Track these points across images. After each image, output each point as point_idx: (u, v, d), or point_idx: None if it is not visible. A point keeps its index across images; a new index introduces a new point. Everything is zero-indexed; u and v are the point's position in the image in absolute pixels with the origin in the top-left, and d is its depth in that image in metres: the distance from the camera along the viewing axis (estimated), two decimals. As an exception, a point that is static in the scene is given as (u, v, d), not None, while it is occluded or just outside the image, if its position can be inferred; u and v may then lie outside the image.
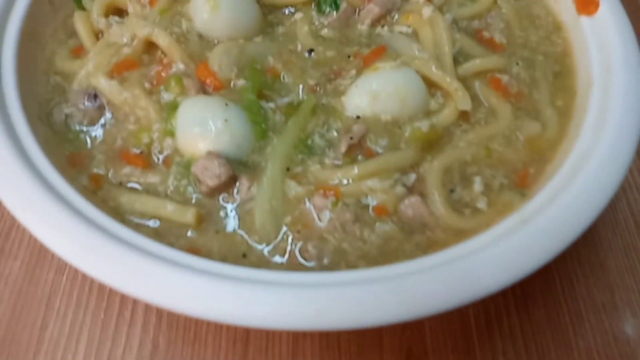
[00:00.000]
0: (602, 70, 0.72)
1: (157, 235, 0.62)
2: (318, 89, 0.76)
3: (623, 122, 0.65)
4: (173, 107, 0.71)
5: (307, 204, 0.65)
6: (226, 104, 0.69)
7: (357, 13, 0.85)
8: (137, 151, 0.69)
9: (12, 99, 0.69)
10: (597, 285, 0.87)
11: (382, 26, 0.83)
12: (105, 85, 0.73)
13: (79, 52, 0.81)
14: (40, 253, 0.80)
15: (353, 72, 0.77)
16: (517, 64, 0.80)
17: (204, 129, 0.67)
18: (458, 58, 0.79)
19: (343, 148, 0.68)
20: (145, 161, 0.69)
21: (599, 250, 0.90)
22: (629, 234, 0.92)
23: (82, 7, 0.87)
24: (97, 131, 0.72)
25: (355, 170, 0.66)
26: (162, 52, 0.77)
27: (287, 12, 0.85)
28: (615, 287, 0.87)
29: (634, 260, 0.88)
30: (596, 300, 0.84)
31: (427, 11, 0.79)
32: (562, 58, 0.81)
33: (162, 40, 0.76)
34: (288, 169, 0.68)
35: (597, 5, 0.78)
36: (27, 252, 0.81)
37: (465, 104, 0.71)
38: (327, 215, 0.63)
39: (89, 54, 0.78)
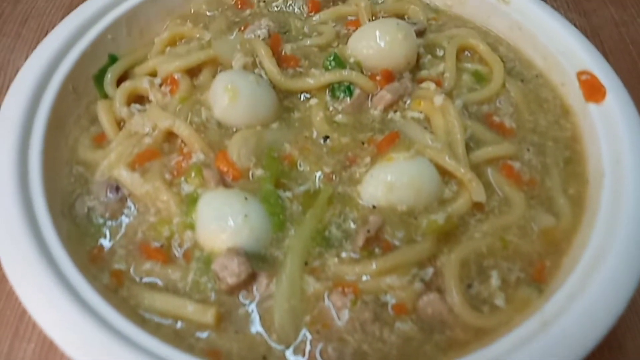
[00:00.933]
0: (613, 161, 0.74)
1: (177, 336, 0.62)
2: (334, 177, 0.78)
3: (636, 219, 0.66)
4: (193, 200, 0.72)
5: (326, 301, 0.65)
6: (245, 198, 0.70)
7: (370, 98, 0.88)
8: (158, 245, 0.71)
9: (37, 193, 0.71)
10: (616, 367, 0.86)
11: (395, 111, 0.86)
12: (127, 177, 0.75)
13: (101, 139, 0.83)
14: (55, 339, 0.80)
15: (367, 159, 0.79)
16: (528, 150, 0.82)
17: (223, 224, 0.68)
18: (470, 143, 0.82)
19: (360, 242, 0.69)
20: (165, 255, 0.70)
21: (617, 330, 0.89)
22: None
23: (104, 94, 0.90)
24: (119, 224, 0.73)
25: (374, 266, 0.67)
26: (183, 141, 0.80)
27: (302, 97, 0.89)
28: (635, 369, 0.86)
29: (652, 341, 0.87)
30: (616, 382, 0.83)
31: (438, 99, 0.82)
32: (571, 144, 0.83)
33: (183, 131, 0.78)
34: (306, 263, 0.68)
35: (604, 94, 0.81)
36: (40, 335, 0.81)
37: (480, 196, 0.73)
38: (346, 314, 0.63)
39: (111, 143, 0.81)
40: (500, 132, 0.85)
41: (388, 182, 0.73)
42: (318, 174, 0.78)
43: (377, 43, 0.88)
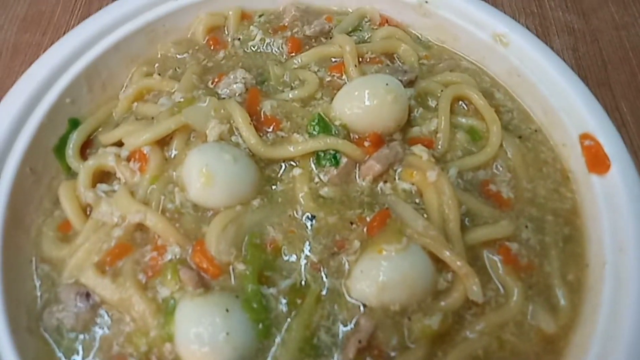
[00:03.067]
0: (615, 248, 0.70)
1: None
2: (321, 267, 0.73)
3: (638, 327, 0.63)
4: (170, 309, 0.67)
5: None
6: (227, 310, 0.65)
7: (357, 167, 0.82)
8: (136, 360, 0.66)
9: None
10: None
11: (385, 182, 0.80)
12: (97, 283, 0.69)
13: (67, 228, 0.76)
14: None
15: (357, 244, 0.74)
16: (526, 226, 0.77)
17: (204, 343, 0.63)
18: (465, 220, 0.77)
19: (351, 354, 0.65)
20: (144, 374, 0.66)
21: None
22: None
23: (67, 167, 0.82)
24: (92, 337, 0.68)
25: (365, 382, 0.64)
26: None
27: (285, 166, 0.82)
28: None
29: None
30: None
31: (431, 175, 0.75)
32: (571, 218, 0.78)
33: (156, 225, 0.72)
34: (295, 378, 0.65)
35: (608, 167, 0.75)
36: None
37: (477, 295, 0.68)
38: None
39: (77, 236, 0.74)
40: (497, 203, 0.79)
41: (380, 282, 0.68)
42: (304, 262, 0.73)
43: (364, 105, 0.80)
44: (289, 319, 0.68)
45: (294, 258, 0.74)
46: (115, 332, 0.68)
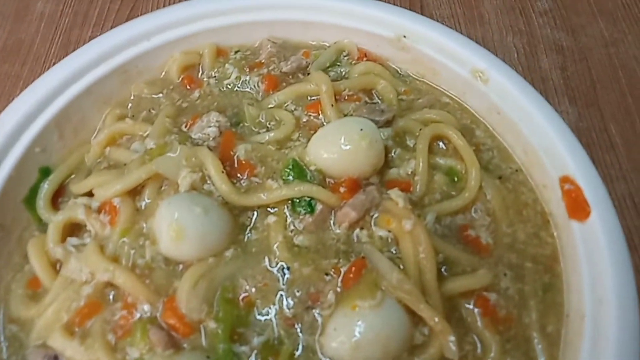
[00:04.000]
0: (595, 300, 0.68)
1: None
2: (295, 323, 0.72)
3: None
4: (140, 373, 0.66)
5: None
6: (197, 375, 0.64)
7: (333, 213, 0.80)
8: None
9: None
10: None
11: (361, 229, 0.78)
12: (65, 346, 0.67)
13: (37, 285, 0.75)
14: None
15: (331, 296, 0.72)
16: (505, 274, 0.75)
17: (173, 411, 0.62)
18: (442, 269, 0.75)
19: (323, 418, 0.64)
20: None
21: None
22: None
23: (38, 218, 0.81)
24: (60, 404, 0.67)
25: None
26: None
27: (259, 213, 0.80)
28: None
29: None
30: None
31: (407, 224, 0.73)
32: (551, 264, 0.77)
33: (124, 282, 0.70)
34: None
35: (588, 213, 0.74)
36: None
37: (453, 353, 0.67)
38: None
39: (46, 294, 0.73)
40: (475, 250, 0.78)
41: (353, 341, 0.66)
42: (277, 318, 0.72)
43: (339, 150, 0.79)
44: (261, 379, 0.67)
45: (267, 313, 0.72)
46: (84, 399, 0.67)
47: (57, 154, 0.85)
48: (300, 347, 0.70)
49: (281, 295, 0.73)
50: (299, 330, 0.71)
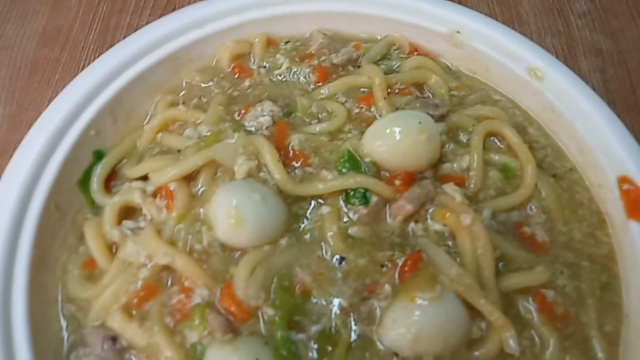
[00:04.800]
0: (657, 301, 0.68)
1: None
2: (351, 313, 0.71)
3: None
4: (199, 357, 0.66)
5: None
6: (257, 359, 0.64)
7: (388, 206, 0.80)
8: (164, 410, 0.65)
9: (23, 349, 0.64)
10: None
11: (416, 222, 0.77)
12: (124, 327, 0.68)
13: (92, 267, 0.75)
14: None
15: (387, 287, 0.72)
16: (562, 272, 0.75)
17: (235, 395, 0.62)
18: (499, 265, 0.75)
19: (384, 406, 0.64)
20: None
21: None
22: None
23: (91, 200, 0.81)
24: (120, 384, 0.67)
25: None
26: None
27: (314, 203, 0.80)
28: None
29: None
30: None
31: (466, 219, 0.73)
32: (608, 264, 0.76)
33: (184, 267, 0.70)
34: None
35: (648, 213, 0.73)
36: None
37: (513, 348, 0.66)
38: None
39: (103, 276, 0.73)
40: (531, 247, 0.77)
41: (414, 332, 0.66)
42: (334, 308, 0.72)
43: (396, 143, 0.78)
44: (319, 368, 0.67)
45: (323, 302, 0.72)
46: (143, 379, 0.67)
47: (111, 138, 0.85)
48: (356, 336, 0.70)
49: (337, 285, 0.73)
50: (354, 320, 0.71)
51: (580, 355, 0.69)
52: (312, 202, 0.80)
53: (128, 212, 0.79)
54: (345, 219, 0.78)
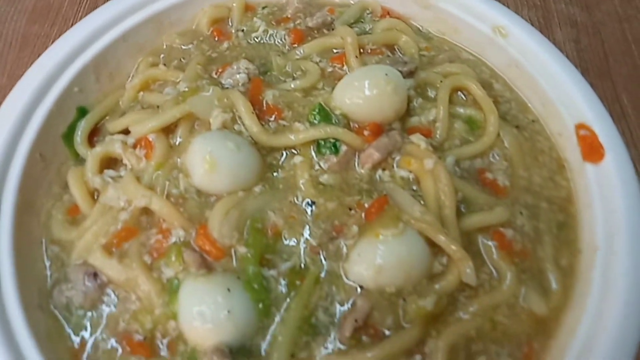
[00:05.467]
0: (607, 234, 0.72)
1: None
2: (320, 251, 0.75)
3: (628, 308, 0.64)
4: (174, 289, 0.70)
5: (313, 399, 0.65)
6: (228, 290, 0.68)
7: (357, 155, 0.84)
8: (141, 337, 0.69)
9: (8, 284, 0.68)
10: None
11: (383, 170, 0.82)
12: (104, 264, 0.72)
13: (75, 212, 0.80)
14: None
15: (355, 229, 0.76)
16: (521, 213, 0.79)
17: (206, 320, 0.66)
18: (461, 207, 0.79)
19: (347, 332, 0.68)
20: (149, 350, 0.68)
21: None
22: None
23: (75, 153, 0.85)
24: (100, 314, 0.71)
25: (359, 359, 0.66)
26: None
27: (286, 153, 0.84)
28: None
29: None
30: None
31: (429, 163, 0.77)
32: (566, 205, 0.80)
33: (161, 209, 0.74)
34: (293, 355, 0.67)
35: (602, 155, 0.77)
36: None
37: (470, 278, 0.70)
38: (332, 413, 0.63)
39: (86, 219, 0.77)
40: (493, 191, 0.81)
41: (377, 265, 0.70)
42: (303, 246, 0.76)
43: (364, 95, 0.82)
44: (288, 299, 0.71)
45: (294, 242, 0.76)
46: (121, 310, 0.71)
47: (94, 96, 0.90)
48: (324, 272, 0.74)
49: (307, 226, 0.77)
50: (323, 257, 0.75)
51: (536, 287, 0.73)
52: (286, 152, 0.84)
53: (110, 164, 0.83)
54: (316, 168, 0.82)
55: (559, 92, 0.85)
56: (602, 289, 0.68)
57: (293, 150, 0.83)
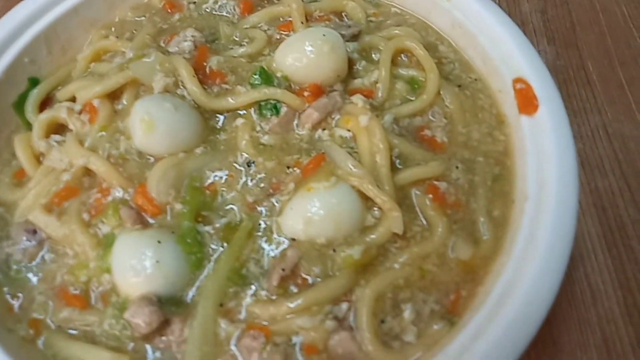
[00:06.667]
0: (538, 183, 0.71)
1: (92, 385, 0.64)
2: (256, 207, 0.77)
3: (550, 254, 0.64)
4: (109, 242, 0.72)
5: (238, 345, 0.66)
6: (159, 242, 0.70)
7: (297, 116, 0.85)
8: (76, 291, 0.71)
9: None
10: (548, 366, 0.88)
11: (323, 129, 0.83)
12: (42, 221, 0.74)
13: (22, 175, 0.82)
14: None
15: (291, 185, 0.77)
16: (457, 167, 0.79)
17: (136, 271, 0.68)
18: (396, 162, 0.79)
19: (275, 281, 0.69)
20: (83, 301, 0.70)
21: (553, 324, 0.90)
22: (585, 307, 0.92)
23: (27, 122, 0.88)
24: (38, 269, 0.74)
25: (286, 306, 0.67)
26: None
27: (229, 116, 0.85)
28: (567, 368, 0.87)
29: (587, 336, 0.88)
30: (546, 385, 0.85)
31: (363, 119, 0.78)
32: (502, 159, 0.80)
33: (99, 167, 0.77)
34: (221, 305, 0.69)
35: (536, 107, 0.77)
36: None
37: (397, 227, 0.71)
38: (256, 358, 0.64)
39: (29, 181, 0.79)
40: (430, 147, 0.82)
41: (307, 217, 0.71)
42: (240, 204, 0.77)
43: (303, 56, 0.84)
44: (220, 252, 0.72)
45: (230, 199, 0.77)
46: (59, 265, 0.74)
47: (46, 68, 0.92)
48: (259, 226, 0.75)
49: (244, 184, 0.79)
50: (259, 213, 0.76)
51: (467, 236, 0.73)
52: (227, 115, 0.85)
53: (58, 130, 0.86)
54: (257, 129, 0.84)
55: (499, 49, 0.85)
56: (528, 235, 0.68)
57: (236, 113, 0.85)
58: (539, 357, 0.86)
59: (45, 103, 0.90)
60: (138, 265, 0.68)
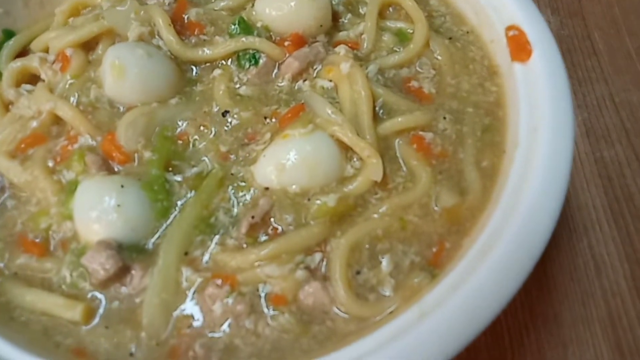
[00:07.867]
0: (530, 129, 0.66)
1: (45, 333, 0.60)
2: (230, 156, 0.73)
3: (539, 202, 0.59)
4: (72, 189, 0.68)
5: (202, 294, 0.61)
6: (122, 186, 0.66)
7: (277, 67, 0.81)
8: (36, 238, 0.67)
9: None
10: (550, 341, 0.82)
11: (304, 80, 0.78)
12: (5, 166, 0.71)
13: (-10, 126, 0.79)
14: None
15: (268, 135, 0.73)
16: (444, 117, 0.74)
17: (96, 215, 0.64)
18: (380, 113, 0.75)
19: (244, 229, 0.64)
20: (42, 248, 0.67)
21: (554, 298, 0.85)
22: (588, 280, 0.86)
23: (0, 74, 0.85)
24: (-2, 215, 0.70)
25: (254, 254, 0.63)
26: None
27: (207, 67, 0.81)
28: (569, 342, 0.81)
29: (591, 310, 0.83)
30: (546, 358, 0.79)
31: (345, 67, 0.74)
32: (494, 109, 0.75)
33: (66, 113, 0.73)
34: (186, 253, 0.64)
35: (529, 53, 0.72)
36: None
37: (376, 174, 0.66)
38: (219, 307, 0.60)
39: (-4, 129, 0.77)
40: (417, 98, 0.77)
41: (280, 163, 0.67)
42: (213, 153, 0.73)
43: (283, 4, 0.80)
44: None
45: (203, 149, 0.73)
46: (20, 212, 0.70)
47: (23, 21, 0.89)
48: (232, 176, 0.70)
49: (218, 133, 0.75)
50: (231, 162, 0.72)
51: (453, 187, 0.68)
52: (205, 66, 0.81)
53: (30, 80, 0.83)
54: (235, 80, 0.80)
55: (492, -2, 0.80)
56: (517, 183, 0.62)
57: (216, 64, 0.81)
58: (538, 332, 0.80)
59: (22, 56, 0.88)
60: (99, 209, 0.64)
